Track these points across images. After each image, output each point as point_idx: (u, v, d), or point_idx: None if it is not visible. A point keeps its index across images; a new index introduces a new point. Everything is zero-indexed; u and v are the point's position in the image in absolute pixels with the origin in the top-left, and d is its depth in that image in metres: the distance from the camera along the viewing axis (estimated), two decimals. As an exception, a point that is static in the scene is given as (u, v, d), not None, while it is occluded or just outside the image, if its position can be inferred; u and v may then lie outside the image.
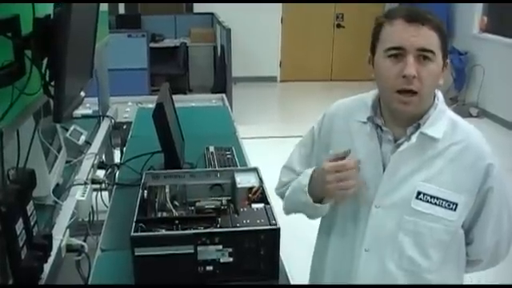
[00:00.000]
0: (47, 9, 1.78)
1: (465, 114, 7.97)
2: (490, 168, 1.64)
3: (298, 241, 2.91)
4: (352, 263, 1.76)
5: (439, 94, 1.70)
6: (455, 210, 1.63)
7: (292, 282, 1.98)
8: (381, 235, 1.70)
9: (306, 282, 2.09)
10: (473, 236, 1.74)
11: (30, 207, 1.67)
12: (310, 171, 1.79)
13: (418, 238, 1.67)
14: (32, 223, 1.69)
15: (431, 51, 1.55)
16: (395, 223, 1.67)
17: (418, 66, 1.55)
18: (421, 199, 1.64)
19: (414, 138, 1.64)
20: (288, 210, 1.96)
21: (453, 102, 8.60)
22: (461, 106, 8.54)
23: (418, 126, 1.65)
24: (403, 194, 1.66)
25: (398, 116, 1.66)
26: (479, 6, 8.93)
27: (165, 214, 2.06)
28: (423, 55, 1.55)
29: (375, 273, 1.72)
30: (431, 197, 1.63)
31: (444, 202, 1.63)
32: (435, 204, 1.63)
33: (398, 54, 1.57)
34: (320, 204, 1.73)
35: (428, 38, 1.55)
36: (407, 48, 1.55)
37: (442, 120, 1.66)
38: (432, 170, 1.64)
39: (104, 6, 3.47)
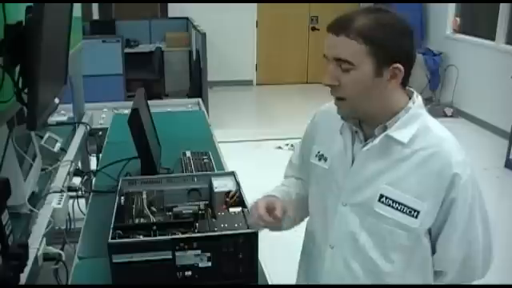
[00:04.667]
0: (19, 15, 1.76)
1: (440, 114, 8.08)
2: (455, 178, 1.58)
3: (277, 243, 2.91)
4: (318, 259, 1.80)
5: (417, 98, 1.67)
6: (416, 217, 1.60)
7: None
8: (345, 233, 1.71)
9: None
10: (437, 246, 1.70)
11: (4, 216, 1.65)
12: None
13: (380, 240, 1.66)
14: (7, 232, 1.67)
15: (345, 60, 1.55)
16: (358, 223, 1.68)
17: (339, 74, 1.58)
18: (383, 202, 1.62)
19: (377, 140, 1.63)
20: None
21: (428, 102, 8.67)
22: (436, 106, 8.63)
23: (386, 128, 1.63)
24: (367, 194, 1.65)
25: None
26: (452, 7, 9.04)
27: (142, 220, 2.04)
28: (340, 64, 1.57)
29: (340, 270, 1.74)
30: (393, 201, 1.61)
31: (405, 208, 1.60)
32: (396, 209, 1.61)
33: (327, 61, 1.61)
34: None
35: (344, 47, 1.55)
36: (328, 57, 1.60)
37: (413, 124, 1.62)
38: (396, 173, 1.62)
39: (77, 12, 3.45)
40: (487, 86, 7.93)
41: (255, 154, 6.41)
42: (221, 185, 2.19)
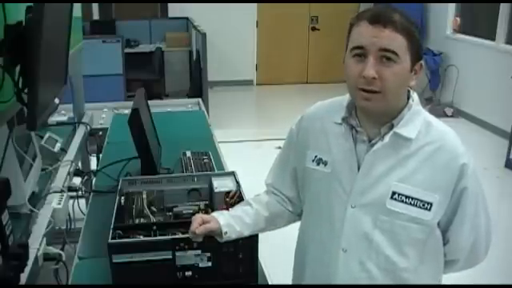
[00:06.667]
0: (19, 15, 1.76)
1: (440, 113, 8.06)
2: (464, 168, 1.64)
3: (277, 243, 2.91)
4: (330, 265, 1.75)
5: (414, 96, 1.71)
6: (430, 209, 1.64)
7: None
8: (357, 235, 1.70)
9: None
10: (449, 236, 1.74)
11: (4, 216, 1.65)
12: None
13: (394, 237, 1.67)
14: (7, 233, 1.67)
15: (393, 52, 1.56)
16: (371, 222, 1.68)
17: (379, 67, 1.56)
18: (395, 199, 1.64)
19: (387, 138, 1.64)
20: None
21: (428, 102, 8.67)
22: (436, 106, 8.61)
23: (392, 126, 1.65)
24: (378, 193, 1.66)
25: (368, 114, 1.67)
26: (452, 7, 9.03)
27: (142, 220, 2.05)
28: (385, 56, 1.56)
29: (355, 273, 1.72)
30: (406, 197, 1.64)
31: (419, 202, 1.63)
32: (410, 204, 1.64)
33: (361, 53, 1.58)
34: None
35: (391, 39, 1.56)
36: (368, 48, 1.56)
37: (416, 121, 1.67)
38: (406, 169, 1.64)
39: (77, 12, 3.45)
40: (487, 86, 7.92)
41: (255, 154, 6.39)
42: (221, 185, 2.19)
